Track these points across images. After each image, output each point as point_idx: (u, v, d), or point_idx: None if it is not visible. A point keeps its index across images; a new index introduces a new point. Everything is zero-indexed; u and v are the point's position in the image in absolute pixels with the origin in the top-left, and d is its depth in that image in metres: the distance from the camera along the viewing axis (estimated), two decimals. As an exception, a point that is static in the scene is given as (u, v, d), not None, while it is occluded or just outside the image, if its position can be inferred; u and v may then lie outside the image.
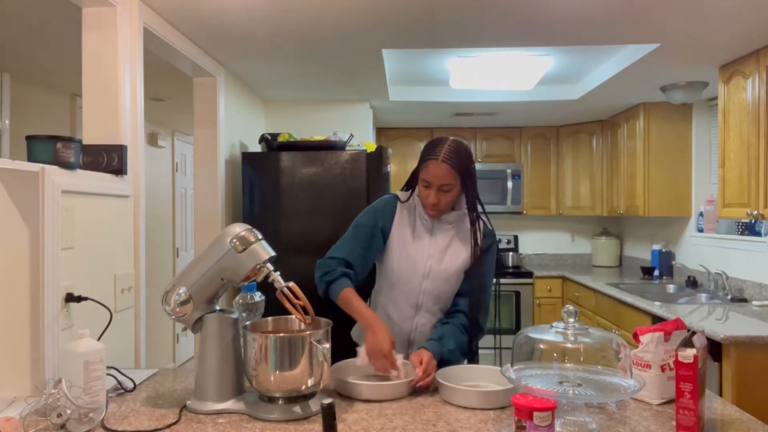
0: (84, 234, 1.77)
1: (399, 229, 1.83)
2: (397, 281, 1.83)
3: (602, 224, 5.54)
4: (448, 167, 1.68)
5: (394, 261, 1.82)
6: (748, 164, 2.88)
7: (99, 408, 1.35)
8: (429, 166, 1.71)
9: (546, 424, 1.14)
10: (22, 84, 3.45)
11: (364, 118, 4.17)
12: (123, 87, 2.06)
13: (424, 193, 1.76)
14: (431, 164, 1.71)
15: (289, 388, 1.38)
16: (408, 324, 1.85)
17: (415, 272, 1.81)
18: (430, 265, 1.80)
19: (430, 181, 1.72)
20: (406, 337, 1.86)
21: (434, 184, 1.71)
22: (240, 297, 1.63)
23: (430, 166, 1.71)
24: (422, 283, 1.81)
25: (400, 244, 1.82)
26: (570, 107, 4.36)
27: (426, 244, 1.82)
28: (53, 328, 1.56)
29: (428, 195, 1.74)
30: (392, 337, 1.64)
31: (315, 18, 2.42)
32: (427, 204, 1.76)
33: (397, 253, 1.82)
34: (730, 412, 1.41)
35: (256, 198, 3.19)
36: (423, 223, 1.83)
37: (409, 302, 1.83)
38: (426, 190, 1.74)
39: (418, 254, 1.81)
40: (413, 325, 1.84)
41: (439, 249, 1.82)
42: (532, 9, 2.31)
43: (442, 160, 1.69)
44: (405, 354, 1.79)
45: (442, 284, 1.81)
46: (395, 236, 1.83)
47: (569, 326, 1.32)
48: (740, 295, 3.42)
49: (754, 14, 2.36)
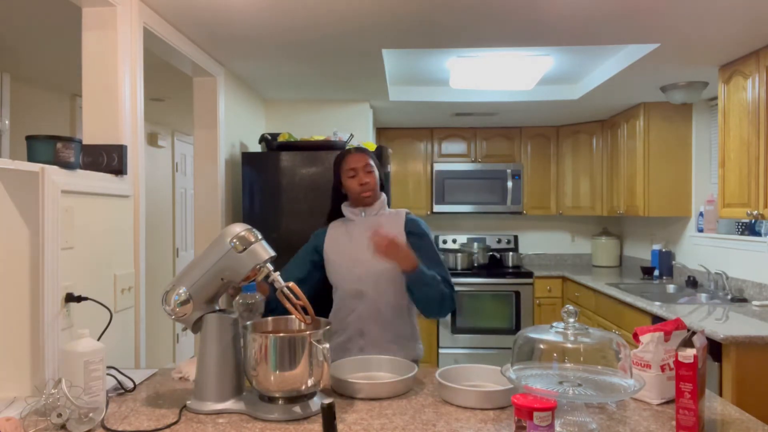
0: (84, 234, 1.77)
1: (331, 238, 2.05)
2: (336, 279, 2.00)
3: (602, 224, 5.54)
4: (362, 154, 2.01)
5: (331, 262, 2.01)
6: (748, 164, 2.88)
7: (99, 408, 1.35)
8: (348, 159, 2.01)
9: (546, 424, 1.14)
10: (22, 84, 3.45)
11: (364, 118, 4.17)
12: (123, 87, 2.06)
13: (354, 182, 1.99)
14: (349, 157, 2.01)
15: (289, 388, 1.38)
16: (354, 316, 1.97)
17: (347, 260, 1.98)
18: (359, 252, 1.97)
19: (355, 167, 1.98)
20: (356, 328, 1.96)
21: (359, 167, 1.98)
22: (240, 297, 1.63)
23: (349, 158, 2.01)
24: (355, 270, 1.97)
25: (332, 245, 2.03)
26: (570, 107, 4.36)
27: (355, 237, 2.00)
28: (53, 328, 1.56)
29: (359, 180, 1.98)
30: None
31: (315, 18, 2.42)
32: (359, 187, 1.98)
33: (331, 253, 2.02)
34: (730, 412, 1.41)
35: (256, 198, 3.19)
36: (352, 224, 2.04)
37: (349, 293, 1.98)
38: (353, 178, 1.99)
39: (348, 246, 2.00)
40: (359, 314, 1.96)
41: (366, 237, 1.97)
42: (532, 9, 2.31)
43: (355, 152, 2.03)
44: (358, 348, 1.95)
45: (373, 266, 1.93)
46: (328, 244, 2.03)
47: (569, 326, 1.32)
48: (740, 295, 3.42)
49: (754, 14, 2.36)
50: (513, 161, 5.29)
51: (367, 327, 1.95)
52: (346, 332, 1.97)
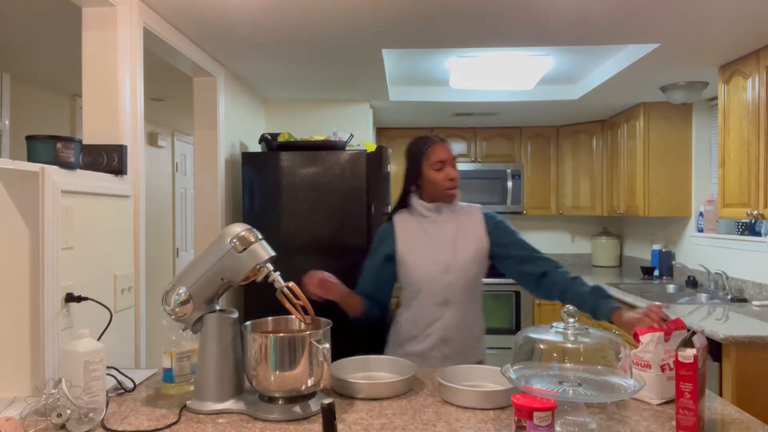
0: (84, 234, 1.77)
1: (407, 241, 1.88)
2: (420, 285, 1.85)
3: (602, 224, 5.54)
4: (447, 146, 1.85)
5: (414, 268, 1.85)
6: (748, 164, 2.88)
7: (99, 408, 1.35)
8: (436, 149, 1.83)
9: (546, 424, 1.14)
10: (22, 84, 3.45)
11: (364, 118, 4.17)
12: (123, 87, 2.06)
13: (441, 176, 1.83)
14: (437, 147, 1.83)
15: (289, 388, 1.38)
16: (439, 324, 1.86)
17: (436, 268, 1.84)
18: (447, 257, 1.84)
19: (444, 159, 1.82)
20: (440, 337, 1.86)
21: (448, 160, 1.82)
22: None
23: (437, 148, 1.83)
24: (444, 278, 1.84)
25: (410, 248, 1.86)
26: (570, 107, 4.36)
27: (436, 240, 1.86)
28: (53, 328, 1.56)
29: (447, 173, 1.82)
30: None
31: (315, 18, 2.42)
32: (447, 182, 1.83)
33: (414, 260, 1.86)
34: (730, 412, 1.41)
35: (256, 198, 3.19)
36: (427, 222, 1.88)
37: (435, 302, 1.85)
38: (440, 172, 1.83)
39: (432, 251, 1.85)
40: (444, 323, 1.85)
41: (449, 240, 1.86)
42: (533, 9, 2.31)
43: (440, 141, 1.85)
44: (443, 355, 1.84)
45: (464, 273, 1.84)
46: (403, 245, 1.87)
47: (569, 326, 1.32)
48: (740, 295, 3.42)
49: (754, 14, 2.36)
50: (513, 161, 5.29)
51: (451, 335, 1.85)
52: (428, 340, 1.85)
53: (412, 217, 1.91)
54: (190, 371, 1.59)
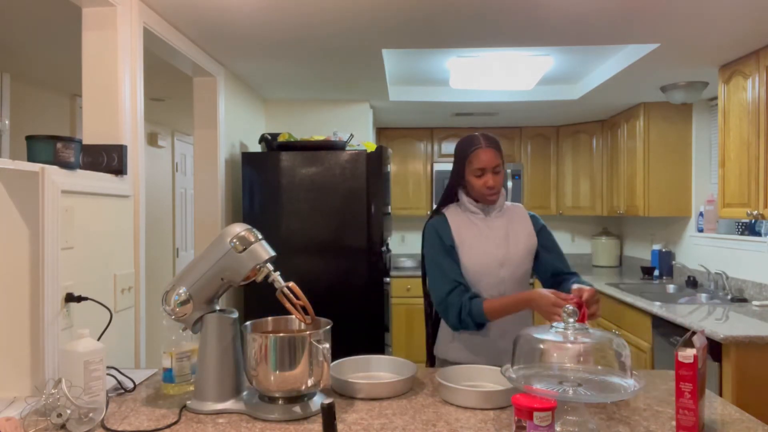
0: (84, 234, 1.77)
1: (460, 234, 1.89)
2: (477, 280, 1.87)
3: (602, 224, 5.54)
4: (493, 151, 1.84)
5: (469, 261, 1.87)
6: (748, 164, 2.88)
7: (99, 408, 1.35)
8: (479, 154, 1.84)
9: (546, 424, 1.14)
10: (22, 84, 3.45)
11: (364, 118, 4.17)
12: (123, 87, 2.06)
13: (479, 182, 1.86)
14: (480, 152, 1.84)
15: (289, 388, 1.38)
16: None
17: (492, 262, 1.87)
18: (502, 253, 1.88)
19: (484, 167, 1.84)
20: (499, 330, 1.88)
21: (488, 168, 1.84)
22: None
23: (480, 154, 1.84)
24: (500, 272, 1.88)
25: (467, 244, 1.89)
26: (570, 107, 4.36)
27: (490, 236, 1.90)
28: (53, 328, 1.56)
29: (486, 180, 1.85)
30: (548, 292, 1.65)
31: (315, 18, 2.42)
32: (486, 189, 1.85)
33: (469, 253, 1.88)
34: (730, 412, 1.41)
35: (256, 198, 3.19)
36: (477, 218, 1.92)
37: (491, 295, 1.87)
38: (480, 178, 1.85)
39: (487, 246, 1.88)
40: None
41: (501, 236, 1.90)
42: (532, 9, 2.31)
43: (486, 146, 1.84)
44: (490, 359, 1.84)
45: (517, 267, 1.88)
46: (460, 242, 1.89)
47: (569, 326, 1.32)
48: (740, 295, 3.42)
49: (754, 14, 2.36)
50: (513, 161, 5.29)
51: (509, 328, 1.88)
52: (488, 333, 1.88)
53: (461, 212, 1.93)
54: (190, 371, 1.59)
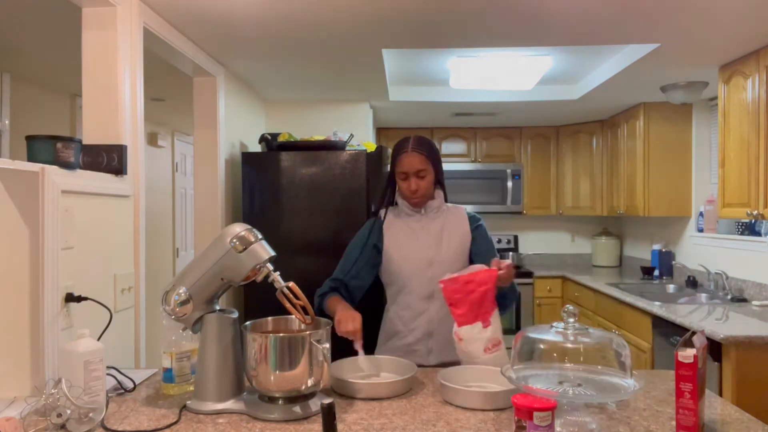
0: (84, 234, 1.77)
1: (391, 234, 1.96)
2: (405, 280, 1.92)
3: (602, 224, 5.54)
4: (418, 155, 1.88)
5: (397, 260, 1.93)
6: (748, 164, 2.88)
7: (99, 408, 1.35)
8: (402, 159, 1.89)
9: (546, 424, 1.14)
10: (22, 84, 3.45)
11: (364, 118, 4.17)
12: (123, 87, 2.06)
13: (404, 186, 1.91)
14: (403, 157, 1.89)
15: (289, 388, 1.38)
16: (424, 317, 1.91)
17: (421, 262, 1.91)
18: (432, 253, 1.92)
19: (407, 171, 1.89)
20: (425, 330, 1.91)
21: (410, 172, 1.88)
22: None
23: (402, 159, 1.89)
24: (429, 272, 1.90)
25: (396, 244, 1.95)
26: (570, 107, 4.36)
27: (422, 237, 1.94)
28: (53, 328, 1.56)
29: (408, 184, 1.90)
30: (357, 315, 1.73)
31: (315, 18, 2.42)
32: (409, 193, 1.91)
33: (398, 254, 1.94)
34: (730, 412, 1.41)
35: (256, 198, 3.19)
36: (412, 219, 1.97)
37: (420, 296, 1.91)
38: (405, 181, 1.91)
39: (417, 246, 1.93)
40: (429, 316, 1.91)
41: (434, 236, 1.93)
42: (533, 9, 2.31)
43: (411, 151, 1.88)
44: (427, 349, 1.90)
45: (448, 268, 1.88)
46: (389, 241, 1.95)
47: (569, 326, 1.32)
48: (740, 295, 3.42)
49: (754, 14, 2.36)
50: (513, 161, 5.29)
51: (436, 329, 1.90)
52: (413, 334, 1.91)
53: (397, 217, 1.99)
54: (190, 371, 1.59)
